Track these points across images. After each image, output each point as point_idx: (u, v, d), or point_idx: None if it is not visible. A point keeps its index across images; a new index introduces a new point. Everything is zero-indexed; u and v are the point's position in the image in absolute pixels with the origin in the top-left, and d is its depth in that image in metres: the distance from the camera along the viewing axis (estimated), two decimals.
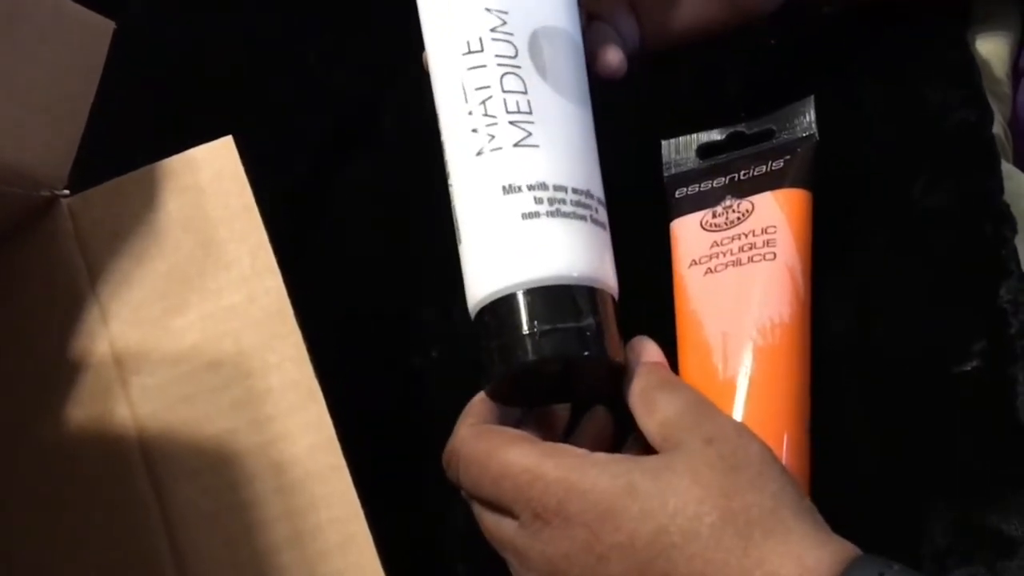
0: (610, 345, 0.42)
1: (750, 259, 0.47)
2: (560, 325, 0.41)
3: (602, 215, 0.44)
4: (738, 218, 0.49)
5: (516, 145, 0.42)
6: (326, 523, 0.43)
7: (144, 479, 0.43)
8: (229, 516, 0.43)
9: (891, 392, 0.48)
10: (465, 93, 0.43)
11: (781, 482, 0.39)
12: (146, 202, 0.46)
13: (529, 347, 0.41)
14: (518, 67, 0.43)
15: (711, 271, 0.48)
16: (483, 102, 0.43)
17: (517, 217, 0.42)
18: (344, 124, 0.58)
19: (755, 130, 0.51)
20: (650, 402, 0.42)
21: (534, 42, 0.44)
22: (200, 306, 0.45)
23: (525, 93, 0.43)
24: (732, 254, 0.48)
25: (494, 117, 0.42)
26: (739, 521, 0.38)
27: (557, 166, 0.43)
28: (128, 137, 0.52)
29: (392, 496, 0.47)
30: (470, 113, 0.43)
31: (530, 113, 0.43)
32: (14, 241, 0.46)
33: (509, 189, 0.42)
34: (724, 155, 0.51)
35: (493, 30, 0.43)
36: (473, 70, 0.43)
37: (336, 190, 0.57)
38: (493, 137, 0.42)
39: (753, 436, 0.40)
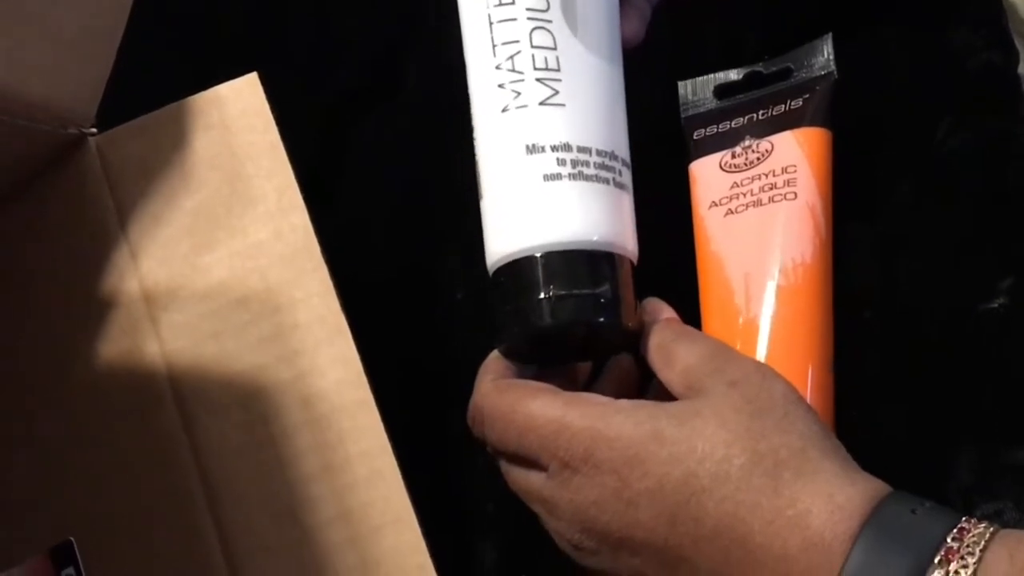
0: (626, 312, 0.42)
1: (771, 199, 0.47)
2: (577, 291, 0.41)
3: (626, 177, 0.43)
4: (758, 158, 0.48)
5: (542, 103, 0.41)
6: (354, 456, 0.43)
7: (174, 414, 0.44)
8: (258, 450, 0.43)
9: (916, 331, 0.48)
10: (494, 47, 0.42)
11: (807, 421, 0.39)
12: (173, 140, 0.46)
13: (545, 312, 0.41)
14: (548, 21, 0.42)
15: (731, 212, 0.48)
16: (511, 57, 0.42)
17: (539, 178, 0.41)
18: (367, 72, 0.58)
19: (772, 69, 0.51)
20: (668, 354, 0.42)
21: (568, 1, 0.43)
22: (227, 243, 0.45)
23: (554, 49, 0.42)
24: (752, 194, 0.48)
25: (521, 73, 0.42)
26: (768, 462, 0.38)
27: (582, 126, 0.42)
28: (154, 75, 0.52)
29: (420, 437, 0.47)
30: (497, 68, 0.42)
31: (558, 70, 0.42)
32: (43, 179, 0.47)
33: (532, 149, 0.41)
34: (742, 95, 0.51)
35: None
36: (502, 23, 0.42)
37: (359, 137, 0.57)
38: (519, 94, 0.41)
39: (777, 376, 0.40)
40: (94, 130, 0.47)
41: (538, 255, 0.41)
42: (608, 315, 0.41)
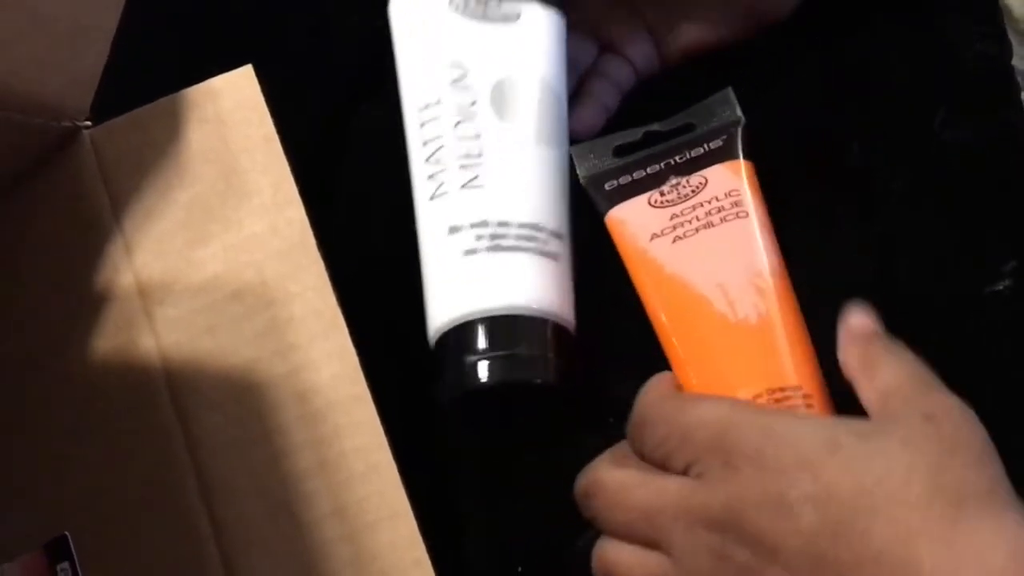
0: (549, 369, 0.44)
1: (723, 219, 0.47)
2: (493, 353, 0.43)
3: (553, 246, 0.45)
4: (692, 191, 0.48)
5: (463, 187, 0.45)
6: (350, 451, 0.43)
7: (169, 409, 0.44)
8: (254, 445, 0.43)
9: (921, 320, 0.48)
10: (423, 142, 0.46)
11: (1000, 470, 0.37)
12: (167, 133, 0.46)
13: (467, 375, 0.44)
14: (474, 114, 0.46)
15: (680, 238, 0.47)
16: (436, 151, 0.46)
17: (460, 255, 0.45)
18: (366, 69, 0.58)
19: (671, 127, 0.50)
20: (871, 368, 0.40)
21: (497, 90, 0.46)
22: (222, 236, 0.45)
23: (478, 138, 0.45)
24: (699, 219, 0.47)
25: (444, 164, 0.46)
26: (950, 494, 0.36)
27: (501, 203, 0.45)
28: (148, 68, 0.52)
29: (415, 434, 0.47)
30: (426, 160, 0.46)
31: (480, 156, 0.45)
32: (37, 173, 0.46)
33: (453, 229, 0.45)
34: (645, 150, 0.50)
35: (454, 82, 0.46)
36: (429, 123, 0.46)
37: (354, 132, 0.56)
38: (442, 183, 0.45)
39: (975, 419, 0.38)
40: (88, 123, 0.46)
41: (460, 325, 0.44)
42: (527, 373, 0.44)
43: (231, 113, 0.46)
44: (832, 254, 0.50)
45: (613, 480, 0.42)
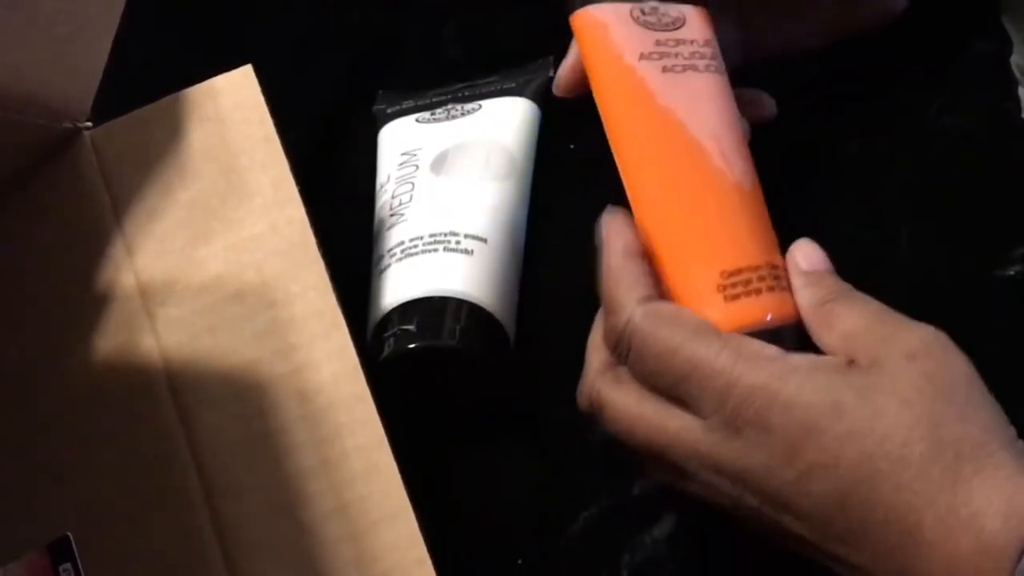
0: (444, 335, 0.46)
1: (706, 67, 0.42)
2: (390, 331, 0.47)
3: (468, 244, 0.48)
4: (672, 23, 0.43)
5: (389, 228, 0.49)
6: (351, 451, 0.43)
7: (170, 409, 0.43)
8: (255, 444, 0.43)
9: (929, 303, 0.48)
10: (375, 215, 0.51)
11: (989, 408, 0.37)
12: (168, 133, 0.46)
13: (376, 351, 0.47)
14: (413, 176, 0.50)
15: (668, 69, 0.42)
16: (379, 211, 0.51)
17: (377, 276, 0.49)
18: (365, 66, 0.58)
19: None
20: (828, 315, 0.40)
21: (440, 157, 0.50)
22: (223, 236, 0.45)
23: (412, 189, 0.50)
24: (684, 58, 0.42)
25: (381, 217, 0.50)
26: (949, 454, 0.36)
27: (417, 225, 0.48)
28: (149, 68, 0.52)
29: (414, 431, 0.47)
30: (375, 228, 0.51)
31: (410, 201, 0.49)
32: (37, 174, 0.46)
33: (376, 260, 0.49)
34: None
35: (401, 165, 0.51)
36: (379, 195, 0.51)
37: (355, 127, 0.57)
38: (378, 232, 0.50)
39: (956, 349, 0.38)
40: (89, 124, 0.47)
41: (374, 327, 0.48)
42: (417, 340, 0.46)
43: (231, 113, 0.46)
44: (834, 247, 0.50)
45: (613, 407, 0.41)
